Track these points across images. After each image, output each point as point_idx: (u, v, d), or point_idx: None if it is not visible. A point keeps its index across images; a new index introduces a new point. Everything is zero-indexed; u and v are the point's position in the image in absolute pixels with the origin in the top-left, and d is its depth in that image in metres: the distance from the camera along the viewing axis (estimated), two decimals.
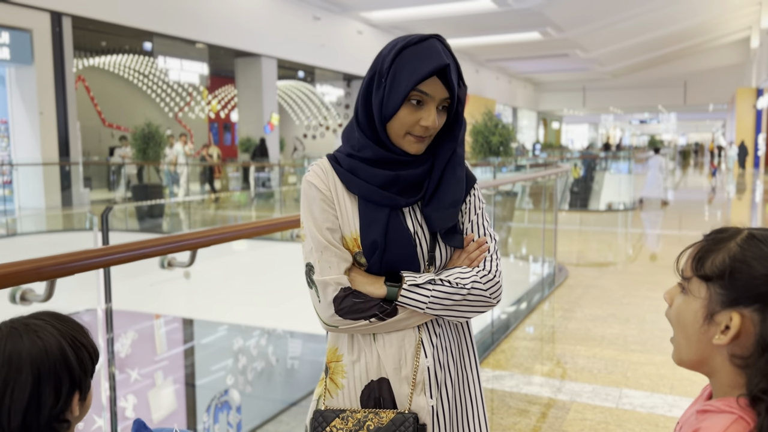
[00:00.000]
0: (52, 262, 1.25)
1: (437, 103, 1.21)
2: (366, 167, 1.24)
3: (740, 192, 16.92)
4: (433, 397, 1.26)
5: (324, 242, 1.22)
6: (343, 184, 1.25)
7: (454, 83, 1.20)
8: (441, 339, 1.28)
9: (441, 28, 23.70)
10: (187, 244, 1.59)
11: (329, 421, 1.24)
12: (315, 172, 1.26)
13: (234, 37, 16.78)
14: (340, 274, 1.22)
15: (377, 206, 1.23)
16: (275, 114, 18.93)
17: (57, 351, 0.98)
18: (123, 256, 1.40)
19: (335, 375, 1.29)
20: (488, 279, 1.25)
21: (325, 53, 20.60)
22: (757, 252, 0.85)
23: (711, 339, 0.87)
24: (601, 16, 22.71)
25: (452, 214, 1.25)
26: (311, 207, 1.24)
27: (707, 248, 0.90)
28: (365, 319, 1.21)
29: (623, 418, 3.10)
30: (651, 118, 52.77)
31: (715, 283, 0.87)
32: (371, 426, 1.21)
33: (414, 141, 1.22)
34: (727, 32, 30.89)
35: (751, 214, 11.92)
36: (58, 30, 12.16)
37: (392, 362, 1.24)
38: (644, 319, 4.79)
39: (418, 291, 1.21)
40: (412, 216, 1.27)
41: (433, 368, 1.26)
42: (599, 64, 32.65)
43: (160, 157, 10.79)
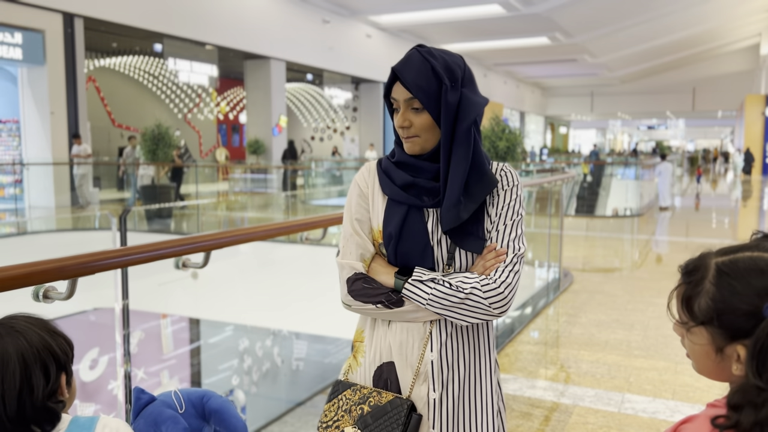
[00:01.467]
0: (75, 262, 1.30)
1: (405, 105, 1.33)
2: (395, 169, 1.39)
3: (745, 199, 16.88)
4: (437, 391, 1.33)
5: (350, 230, 1.39)
6: (380, 183, 1.41)
7: (409, 81, 1.30)
8: (452, 338, 1.35)
9: (449, 33, 23.77)
10: (202, 246, 1.64)
11: (343, 390, 1.39)
12: (362, 172, 1.45)
13: (243, 40, 16.89)
14: (356, 260, 1.37)
15: (399, 204, 1.37)
16: (283, 116, 19.03)
17: (37, 339, 1.09)
18: (141, 256, 1.46)
19: (357, 353, 1.43)
20: (489, 288, 1.29)
21: (333, 56, 20.69)
22: (732, 290, 0.90)
23: (729, 367, 0.92)
24: (610, 22, 22.70)
25: (452, 215, 1.30)
26: (350, 201, 1.42)
27: (689, 294, 0.95)
28: (372, 303, 1.34)
29: (625, 422, 3.14)
30: (659, 124, 52.63)
31: (710, 325, 0.92)
32: (372, 402, 1.33)
33: (405, 142, 1.37)
34: (737, 39, 30.81)
35: (759, 221, 11.90)
36: (70, 31, 12.28)
37: (400, 349, 1.35)
38: (648, 325, 4.81)
39: (419, 287, 1.31)
40: (433, 218, 1.37)
41: (438, 363, 1.33)
42: (608, 69, 32.62)
43: (170, 159, 10.88)
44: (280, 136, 18.92)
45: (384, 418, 1.30)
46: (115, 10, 13.10)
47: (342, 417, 1.35)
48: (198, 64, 17.09)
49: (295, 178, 16.69)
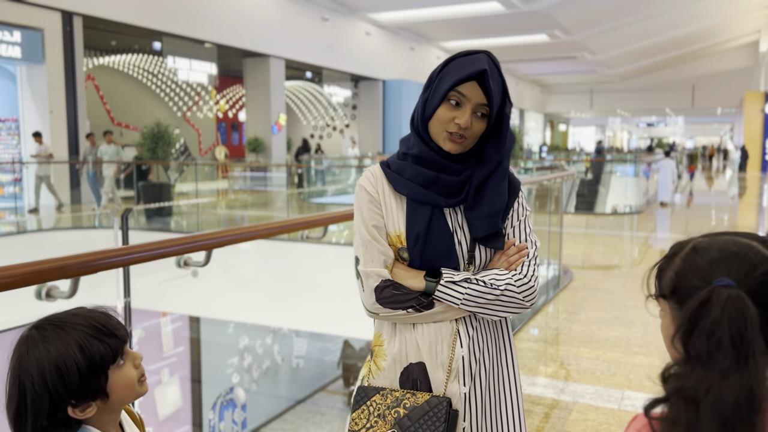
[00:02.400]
0: (77, 261, 1.31)
1: (473, 106, 1.32)
2: (412, 166, 1.36)
3: (740, 195, 16.92)
4: (467, 385, 1.36)
5: (369, 238, 1.36)
6: (391, 184, 1.38)
7: (492, 89, 1.31)
8: (477, 332, 1.38)
9: (449, 30, 23.75)
10: (204, 245, 1.65)
11: (370, 396, 1.36)
12: (366, 177, 1.42)
13: (242, 38, 16.88)
14: (382, 267, 1.35)
15: (421, 204, 1.35)
16: (283, 114, 19.02)
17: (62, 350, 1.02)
18: (143, 255, 1.46)
19: (378, 358, 1.41)
20: (522, 282, 1.34)
21: (332, 54, 20.68)
22: (692, 263, 0.90)
23: None
24: (609, 19, 22.69)
25: (491, 223, 1.35)
26: (360, 207, 1.39)
27: (662, 266, 0.95)
28: (403, 309, 1.33)
29: (625, 419, 3.15)
30: (658, 121, 52.64)
31: (669, 299, 0.92)
32: (407, 404, 1.32)
33: (448, 138, 1.33)
34: (736, 36, 30.80)
35: (757, 217, 11.92)
36: (69, 29, 12.28)
37: (429, 349, 1.35)
38: (648, 322, 4.82)
39: (454, 287, 1.32)
40: (453, 217, 1.38)
41: (468, 358, 1.36)
42: (607, 66, 32.62)
43: (169, 157, 10.89)
44: (279, 134, 18.92)
45: (424, 418, 1.31)
46: (114, 8, 13.10)
47: (376, 423, 1.33)
48: (197, 62, 17.09)
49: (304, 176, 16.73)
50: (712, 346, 0.82)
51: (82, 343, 1.03)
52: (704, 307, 0.83)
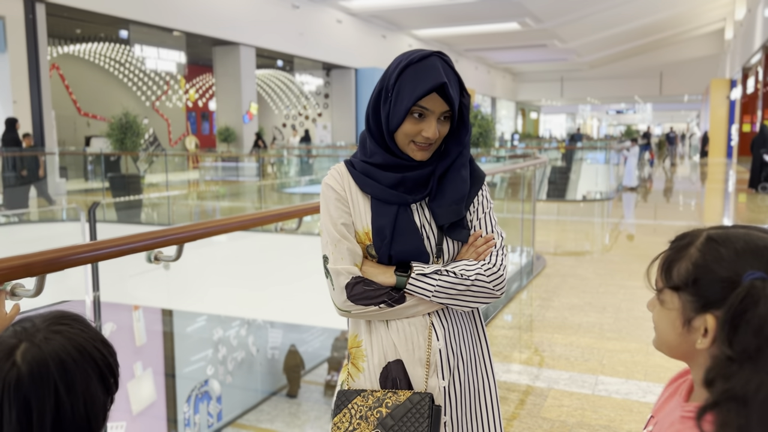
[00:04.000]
0: (42, 258, 1.26)
1: (437, 116, 1.32)
2: (377, 170, 1.37)
3: (694, 180, 17.30)
4: (445, 379, 1.36)
5: (337, 236, 1.35)
6: (357, 185, 1.38)
7: (453, 97, 1.30)
8: (452, 324, 1.38)
9: (420, 18, 23.69)
10: (175, 238, 1.61)
11: (351, 398, 1.36)
12: (332, 176, 1.41)
13: (212, 26, 16.62)
14: (351, 264, 1.35)
15: (387, 204, 1.36)
16: (254, 103, 18.82)
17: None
18: (112, 250, 1.42)
19: (356, 360, 1.41)
20: (492, 272, 1.35)
21: (304, 42, 20.49)
22: (716, 255, 0.87)
23: (694, 343, 0.89)
24: (579, 7, 22.85)
25: (456, 210, 1.35)
26: (328, 206, 1.38)
27: (672, 258, 0.93)
28: (375, 305, 1.33)
29: (599, 404, 3.19)
30: (627, 109, 53.33)
31: (684, 291, 0.89)
32: (389, 403, 1.32)
33: (417, 149, 1.34)
34: (702, 24, 31.28)
35: (723, 203, 12.16)
36: (32, 17, 11.95)
37: (405, 345, 1.35)
38: (620, 308, 4.89)
39: (424, 280, 1.32)
40: (420, 212, 1.39)
41: (445, 351, 1.36)
42: (577, 54, 32.88)
43: (138, 148, 10.68)
44: (251, 124, 18.72)
45: (407, 415, 1.30)
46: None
47: (359, 425, 1.33)
48: (165, 51, 16.79)
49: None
50: (762, 342, 0.80)
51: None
52: (748, 302, 0.81)
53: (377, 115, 1.37)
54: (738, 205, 11.80)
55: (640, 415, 3.05)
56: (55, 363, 0.79)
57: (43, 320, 0.84)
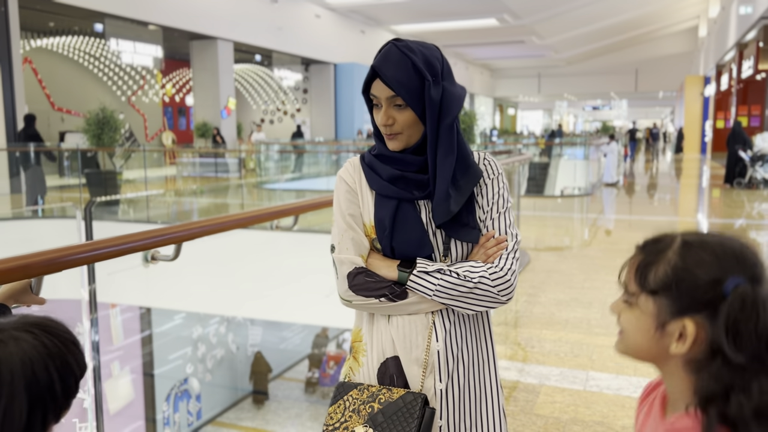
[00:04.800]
0: (41, 259, 1.20)
1: (387, 102, 1.30)
2: (379, 164, 1.37)
3: (673, 175, 17.54)
4: (443, 381, 1.32)
5: (344, 226, 1.35)
6: (366, 178, 1.39)
7: (390, 78, 1.26)
8: (455, 325, 1.34)
9: (399, 13, 23.64)
10: (174, 237, 1.56)
11: (348, 390, 1.35)
12: (346, 168, 1.42)
13: (189, 19, 16.39)
14: (355, 255, 1.34)
15: (388, 198, 1.35)
16: (232, 98, 18.63)
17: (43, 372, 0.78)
18: (111, 250, 1.36)
19: (357, 354, 1.40)
20: (498, 276, 1.29)
21: (282, 36, 20.32)
22: (697, 259, 0.86)
23: (666, 348, 0.88)
24: (557, 4, 22.99)
25: (444, 209, 1.30)
26: (339, 197, 1.39)
27: (647, 261, 0.91)
28: (375, 297, 1.31)
29: (591, 400, 3.20)
30: (603, 105, 53.87)
31: (662, 295, 0.88)
32: (382, 399, 1.31)
33: (387, 139, 1.34)
34: (677, 21, 31.68)
35: (700, 198, 12.34)
36: (4, 10, 11.66)
37: (403, 343, 1.33)
38: (605, 303, 4.92)
39: (426, 278, 1.29)
40: (427, 211, 1.36)
41: (444, 352, 1.32)
42: (554, 51, 33.11)
43: (116, 143, 10.49)
44: (229, 119, 18.53)
45: (397, 414, 1.28)
46: None
47: (350, 417, 1.32)
48: (142, 45, 16.51)
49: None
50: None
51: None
52: (747, 308, 0.80)
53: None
54: (714, 200, 11.98)
55: (633, 411, 3.05)
56: None
57: (16, 322, 0.80)
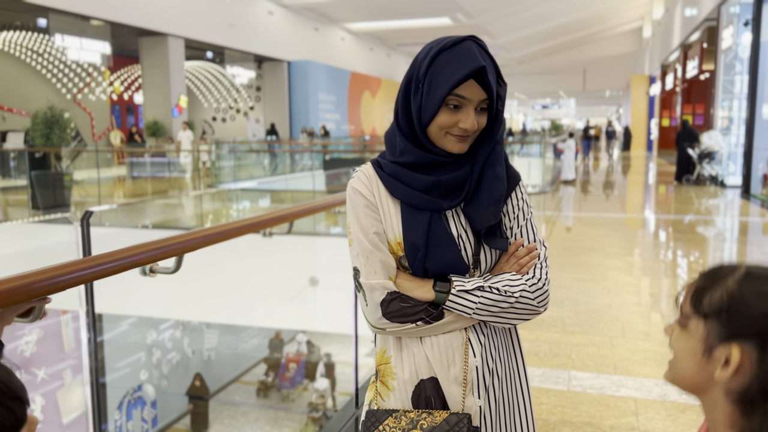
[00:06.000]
0: (43, 277, 1.08)
1: (475, 105, 1.20)
2: (408, 172, 1.24)
3: (623, 172, 18.06)
4: (481, 397, 1.26)
5: (369, 247, 1.23)
6: (387, 188, 1.26)
7: (492, 84, 1.19)
8: (489, 339, 1.28)
9: (353, 12, 23.54)
10: (178, 248, 1.45)
11: (382, 420, 1.25)
12: (359, 178, 1.28)
13: (137, 15, 15.92)
14: (385, 278, 1.23)
15: (419, 210, 1.23)
16: (183, 96, 18.20)
17: None
18: (115, 265, 1.24)
19: (385, 377, 1.30)
20: (537, 287, 1.24)
21: (234, 33, 19.97)
22: (754, 290, 0.86)
23: (711, 374, 0.87)
24: (509, 4, 23.30)
25: (493, 212, 1.23)
26: (357, 213, 1.26)
27: (705, 286, 0.91)
28: (412, 322, 1.22)
29: (576, 400, 3.19)
30: (552, 104, 54.94)
31: (713, 319, 0.87)
32: (425, 425, 1.22)
33: (455, 141, 1.22)
34: (622, 22, 32.56)
35: (654, 195, 12.68)
36: None
37: (440, 362, 1.25)
38: (577, 301, 4.96)
39: (466, 297, 1.21)
40: (456, 219, 1.26)
41: (481, 368, 1.26)
42: (506, 50, 33.59)
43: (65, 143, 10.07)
44: (180, 117, 18.10)
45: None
46: None
47: None
48: (88, 41, 15.96)
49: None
50: None
51: None
52: None
53: (407, 109, 1.25)
54: (667, 196, 12.33)
55: (618, 410, 3.07)
56: None
57: None
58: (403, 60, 34.11)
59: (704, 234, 8.33)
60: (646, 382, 3.39)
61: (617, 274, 5.86)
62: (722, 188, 13.16)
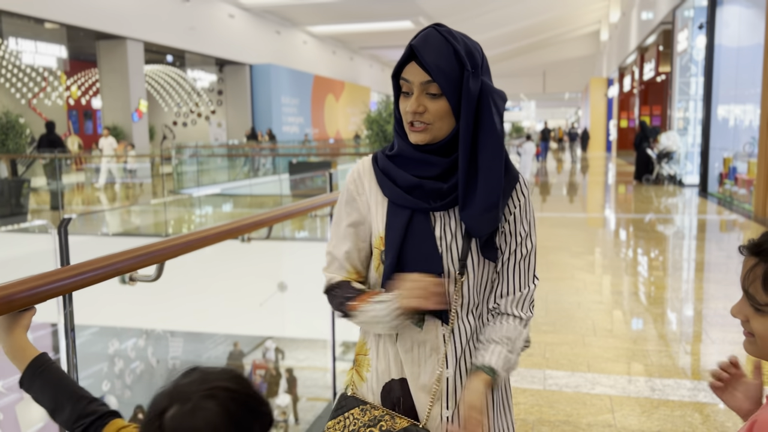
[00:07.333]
0: (24, 288, 1.02)
1: (420, 88, 1.17)
2: (396, 169, 1.24)
3: (583, 172, 18.43)
4: (450, 409, 1.24)
5: (334, 241, 1.29)
6: (378, 184, 1.26)
7: (430, 62, 1.14)
8: (465, 353, 1.25)
9: (314, 15, 23.46)
10: (159, 255, 1.40)
11: (350, 407, 1.27)
12: (353, 172, 1.30)
13: (94, 18, 15.57)
14: (340, 270, 1.28)
15: (403, 208, 1.23)
16: (143, 100, 17.86)
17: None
18: (96, 274, 1.19)
19: (361, 368, 1.32)
20: (526, 324, 1.30)
21: (195, 37, 19.71)
22: None
23: None
24: (470, 7, 23.53)
25: (489, 218, 1.18)
26: (338, 206, 1.31)
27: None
28: (337, 311, 1.27)
29: (552, 399, 3.22)
30: (513, 106, 55.65)
31: None
32: (384, 426, 1.21)
33: (410, 130, 1.20)
34: (580, 25, 33.20)
35: (614, 194, 12.94)
36: None
37: (411, 366, 1.24)
38: (547, 300, 5.01)
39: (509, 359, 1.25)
40: (446, 221, 1.22)
41: (453, 380, 1.24)
42: None
43: (22, 149, 9.77)
44: (140, 122, 17.76)
45: None
46: None
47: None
48: (43, 45, 15.57)
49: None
50: None
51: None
52: None
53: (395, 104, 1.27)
54: (627, 195, 12.59)
55: (594, 408, 3.10)
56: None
57: (200, 383, 0.81)
58: (365, 63, 34.13)
59: (664, 232, 8.52)
60: (619, 379, 3.44)
61: (584, 273, 5.94)
62: (680, 187, 13.50)
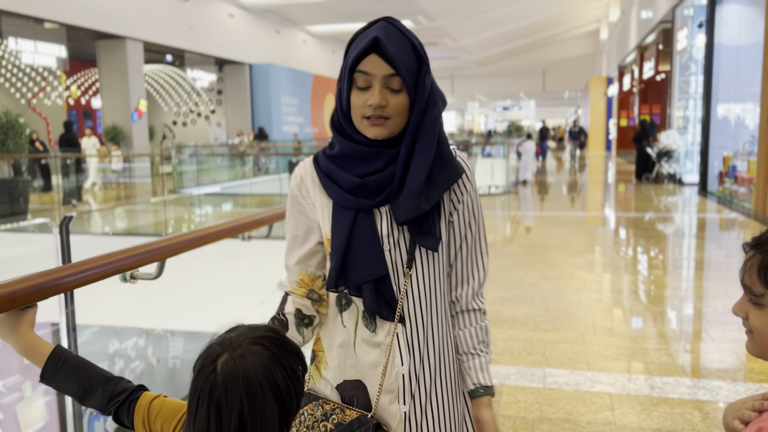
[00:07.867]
0: (26, 285, 1.03)
1: (382, 82, 1.15)
2: (338, 170, 1.22)
3: (581, 171, 18.40)
4: (407, 404, 1.26)
5: (287, 251, 1.30)
6: (322, 185, 1.26)
7: (394, 55, 1.14)
8: (419, 348, 1.26)
9: (314, 13, 23.45)
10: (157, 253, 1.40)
11: (305, 404, 1.29)
12: (295, 176, 1.30)
13: (93, 18, 15.57)
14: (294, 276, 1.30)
15: (347, 209, 1.22)
16: (143, 100, 17.86)
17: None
18: (97, 272, 1.20)
19: (319, 364, 1.32)
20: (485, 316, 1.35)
21: (194, 36, 19.70)
22: None
23: None
24: (470, 6, 23.51)
25: (408, 206, 1.18)
26: (287, 213, 1.32)
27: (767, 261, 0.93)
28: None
29: (553, 397, 3.22)
30: (513, 105, 55.67)
31: None
32: (335, 419, 1.24)
33: (369, 124, 1.18)
34: (580, 24, 33.18)
35: (612, 193, 12.94)
36: None
37: (366, 368, 1.26)
38: (547, 299, 5.02)
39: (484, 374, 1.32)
40: (388, 217, 1.23)
41: (408, 376, 1.25)
42: (467, 53, 33.87)
43: (22, 149, 9.77)
44: (140, 122, 17.76)
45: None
46: None
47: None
48: (43, 44, 15.57)
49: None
50: None
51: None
52: None
53: (338, 99, 1.23)
54: (628, 194, 12.59)
55: (594, 406, 3.11)
56: (244, 381, 0.87)
57: (247, 334, 0.92)
58: None
59: (664, 231, 8.53)
60: (619, 377, 3.45)
61: (584, 272, 5.95)
62: (680, 186, 13.50)
